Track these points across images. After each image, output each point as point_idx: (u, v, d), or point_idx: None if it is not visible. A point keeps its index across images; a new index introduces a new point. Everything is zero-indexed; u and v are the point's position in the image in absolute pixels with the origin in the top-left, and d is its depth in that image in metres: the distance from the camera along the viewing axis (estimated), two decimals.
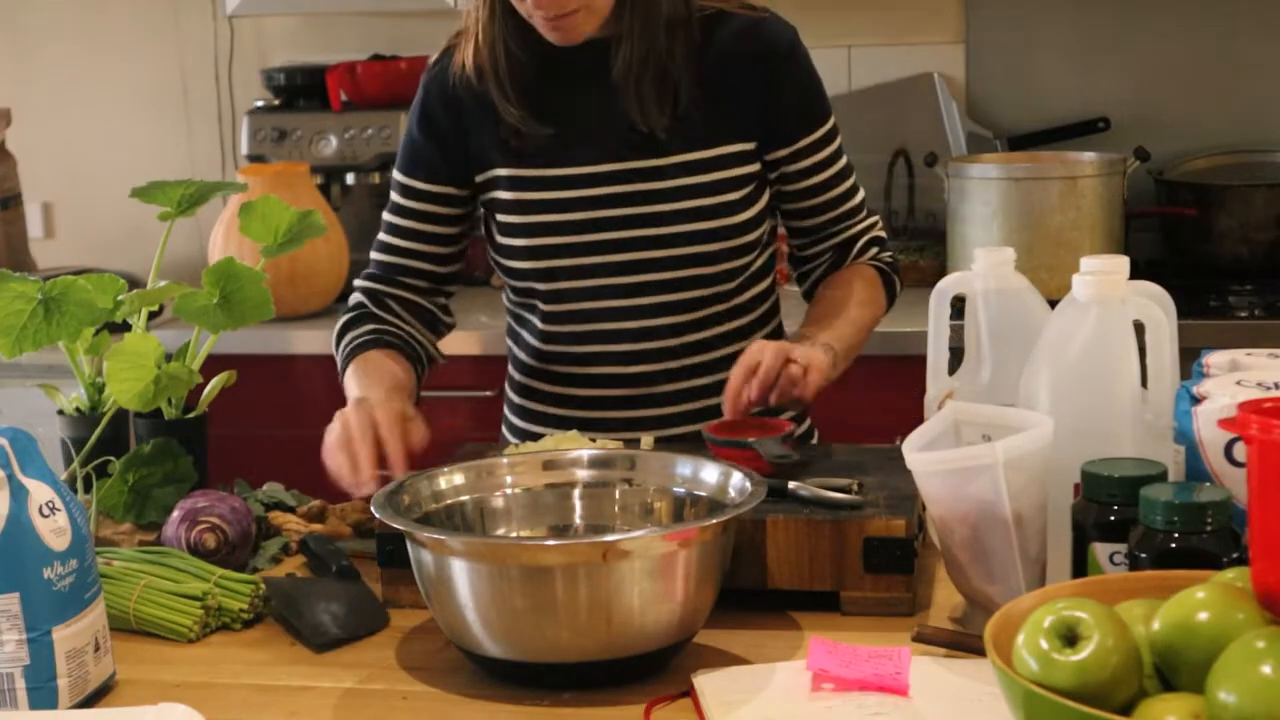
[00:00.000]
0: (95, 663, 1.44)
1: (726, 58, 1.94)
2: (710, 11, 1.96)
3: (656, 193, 1.94)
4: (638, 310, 1.98)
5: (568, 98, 1.96)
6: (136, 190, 1.94)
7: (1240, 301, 3.09)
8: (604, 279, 1.97)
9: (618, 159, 1.94)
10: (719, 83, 1.94)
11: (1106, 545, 1.36)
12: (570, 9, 1.84)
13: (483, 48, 1.94)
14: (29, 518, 1.38)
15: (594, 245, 1.96)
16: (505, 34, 1.92)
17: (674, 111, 1.92)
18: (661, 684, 1.43)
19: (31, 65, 3.97)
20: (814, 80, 2.01)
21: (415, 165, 2.03)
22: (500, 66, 1.93)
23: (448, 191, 2.01)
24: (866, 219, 2.08)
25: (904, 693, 1.35)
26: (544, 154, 1.96)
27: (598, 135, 1.95)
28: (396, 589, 1.64)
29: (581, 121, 1.96)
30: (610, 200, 1.95)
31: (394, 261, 2.06)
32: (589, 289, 1.98)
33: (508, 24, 1.92)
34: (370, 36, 3.75)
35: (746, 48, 1.95)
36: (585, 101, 1.95)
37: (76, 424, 1.88)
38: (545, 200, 1.96)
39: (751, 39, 1.95)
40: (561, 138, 1.95)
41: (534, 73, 1.95)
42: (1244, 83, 3.44)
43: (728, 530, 1.46)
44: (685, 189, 1.94)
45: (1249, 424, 1.10)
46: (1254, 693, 1.02)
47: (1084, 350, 1.49)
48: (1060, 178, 3.07)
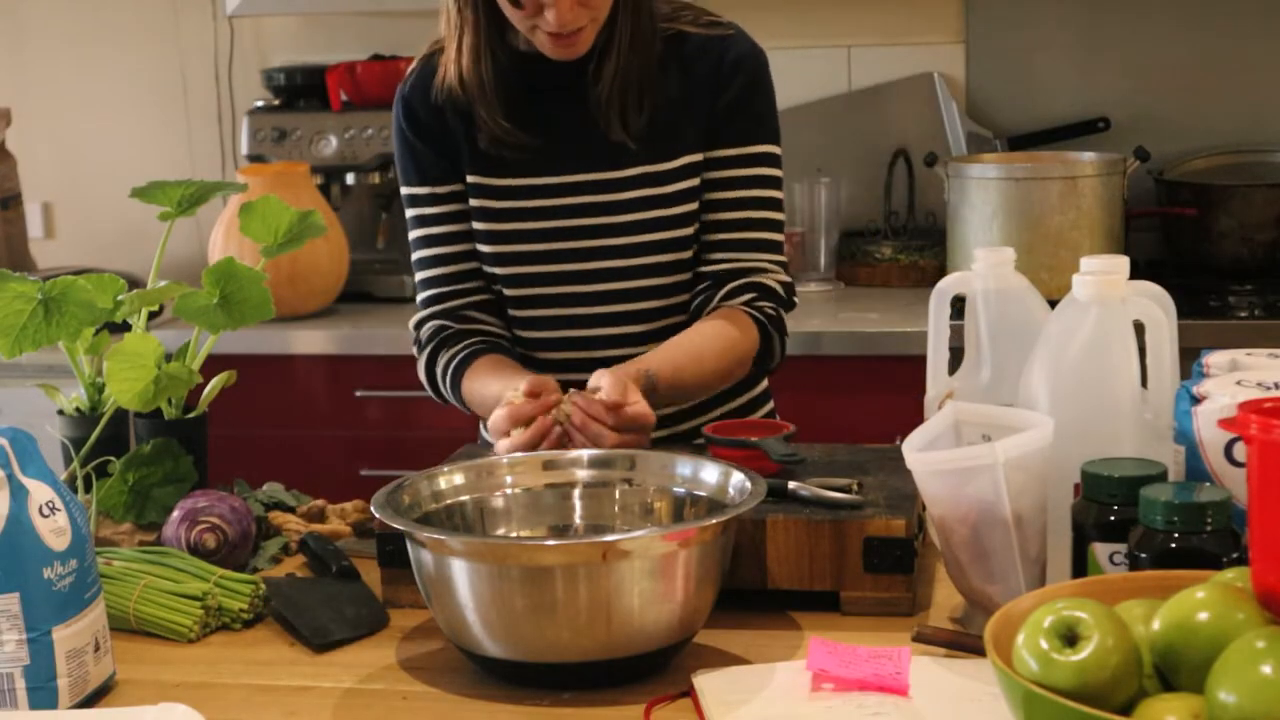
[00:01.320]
0: (95, 663, 1.44)
1: (687, 71, 1.95)
2: (671, 32, 1.96)
3: (619, 203, 1.96)
4: (601, 318, 1.99)
5: (543, 109, 1.97)
6: (136, 190, 1.94)
7: (1240, 301, 3.10)
8: (566, 287, 1.99)
9: (582, 169, 1.96)
10: (679, 98, 1.95)
11: (1106, 545, 1.36)
12: (579, 26, 1.85)
13: (467, 59, 1.94)
14: (29, 518, 1.38)
15: (556, 254, 1.98)
16: (492, 45, 1.93)
17: (649, 121, 1.93)
18: (661, 684, 1.43)
19: (31, 65, 3.97)
20: (761, 99, 1.99)
21: (423, 172, 2.02)
22: (487, 78, 1.94)
23: (460, 189, 2.01)
24: (764, 262, 1.98)
25: (904, 693, 1.35)
26: (513, 165, 1.97)
27: (565, 146, 1.96)
28: (396, 589, 1.64)
29: (554, 133, 1.97)
30: (573, 210, 1.97)
31: (447, 273, 2.03)
32: (552, 296, 2.00)
33: (491, 32, 1.93)
34: (370, 36, 3.76)
35: (706, 61, 1.96)
36: (557, 114, 1.96)
37: (76, 424, 1.88)
38: (509, 209, 1.98)
39: (712, 53, 1.96)
40: (535, 149, 1.96)
41: (515, 84, 1.95)
42: (1244, 83, 3.44)
43: (728, 530, 1.46)
44: (646, 199, 1.96)
45: (1249, 424, 1.10)
46: (1254, 693, 1.02)
47: (1084, 350, 1.49)
48: (1060, 178, 3.07)
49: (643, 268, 1.97)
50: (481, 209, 1.99)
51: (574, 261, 1.98)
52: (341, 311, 3.42)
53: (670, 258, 1.98)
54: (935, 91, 3.49)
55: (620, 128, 1.93)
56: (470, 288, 2.04)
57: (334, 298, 3.42)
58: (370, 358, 3.26)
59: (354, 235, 3.56)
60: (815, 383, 2.93)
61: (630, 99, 1.93)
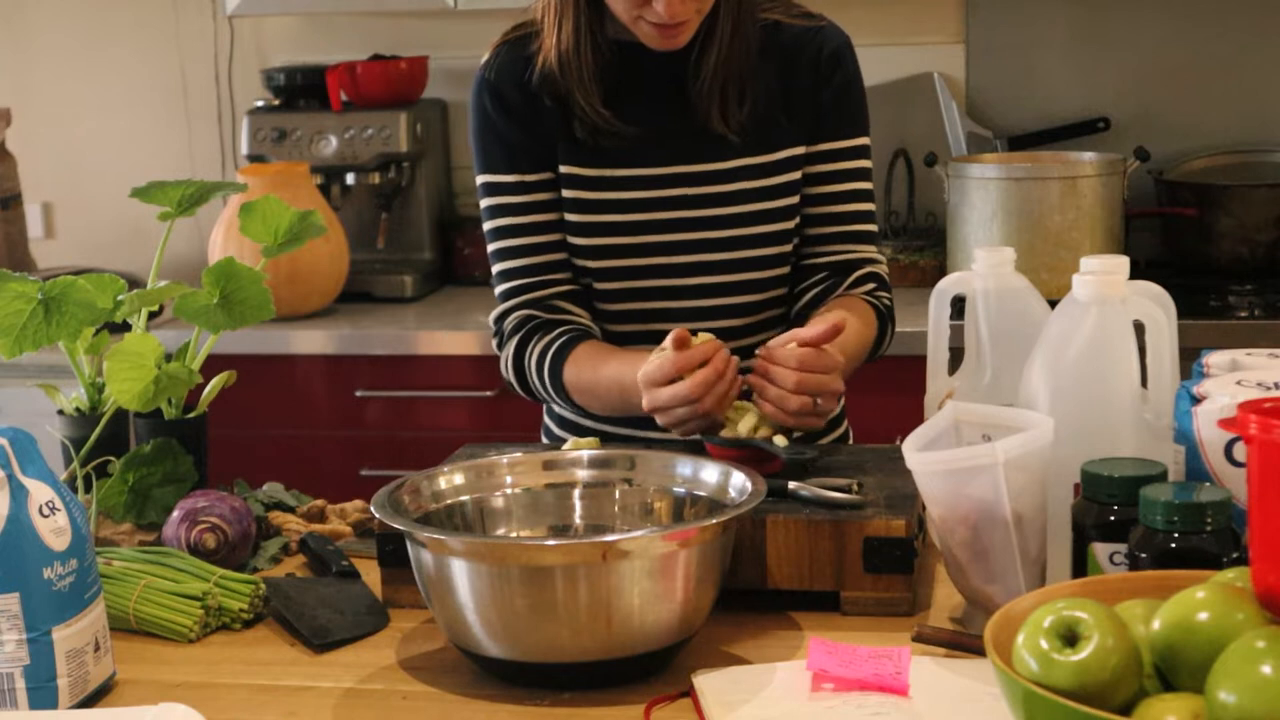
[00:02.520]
0: (95, 663, 1.44)
1: (785, 63, 1.95)
2: (766, 22, 1.96)
3: (719, 196, 1.95)
4: (695, 312, 1.97)
5: (643, 100, 1.95)
6: (136, 190, 1.94)
7: (1240, 301, 3.10)
8: (661, 280, 1.97)
9: (679, 161, 1.95)
10: (778, 90, 1.95)
11: (1106, 545, 1.36)
12: (686, 18, 1.85)
13: (568, 43, 1.90)
14: (29, 518, 1.38)
15: (653, 246, 1.96)
16: (593, 30, 1.91)
17: (750, 113, 1.93)
18: (661, 684, 1.43)
19: (32, 65, 3.97)
20: (856, 90, 2.00)
21: (514, 159, 1.97)
22: (587, 64, 1.91)
23: (549, 178, 1.97)
24: (873, 254, 2.01)
25: (904, 693, 1.35)
26: (610, 155, 1.95)
27: (668, 138, 1.95)
28: (396, 589, 1.64)
29: (654, 123, 1.95)
30: (672, 203, 1.95)
31: (533, 263, 1.98)
32: (647, 290, 1.98)
33: (593, 19, 1.91)
34: (370, 36, 3.76)
35: (804, 53, 1.96)
36: (657, 105, 1.95)
37: (76, 424, 1.88)
38: (606, 200, 1.96)
39: (809, 44, 1.96)
40: (634, 139, 1.95)
41: (615, 72, 1.94)
42: (1244, 83, 3.44)
43: (728, 530, 1.46)
44: (748, 192, 1.95)
45: (1249, 424, 1.10)
46: (1254, 693, 1.02)
47: (1084, 350, 1.49)
48: (1060, 178, 3.07)
49: (741, 261, 1.96)
50: (576, 200, 1.96)
51: (670, 255, 1.96)
52: (341, 311, 3.42)
53: (769, 251, 1.97)
54: (935, 91, 3.49)
55: (720, 120, 1.92)
56: (558, 278, 1.98)
57: (334, 298, 3.42)
58: (370, 358, 3.27)
59: (354, 235, 3.56)
60: None
61: (731, 91, 1.92)
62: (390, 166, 3.58)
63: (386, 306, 3.47)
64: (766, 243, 1.97)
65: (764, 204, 1.96)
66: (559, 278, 1.99)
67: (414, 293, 3.53)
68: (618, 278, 1.98)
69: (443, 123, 3.73)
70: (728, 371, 1.74)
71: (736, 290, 1.98)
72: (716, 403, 1.73)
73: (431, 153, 3.67)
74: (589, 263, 1.98)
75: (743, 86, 1.92)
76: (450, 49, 3.68)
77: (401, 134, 3.53)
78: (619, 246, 1.97)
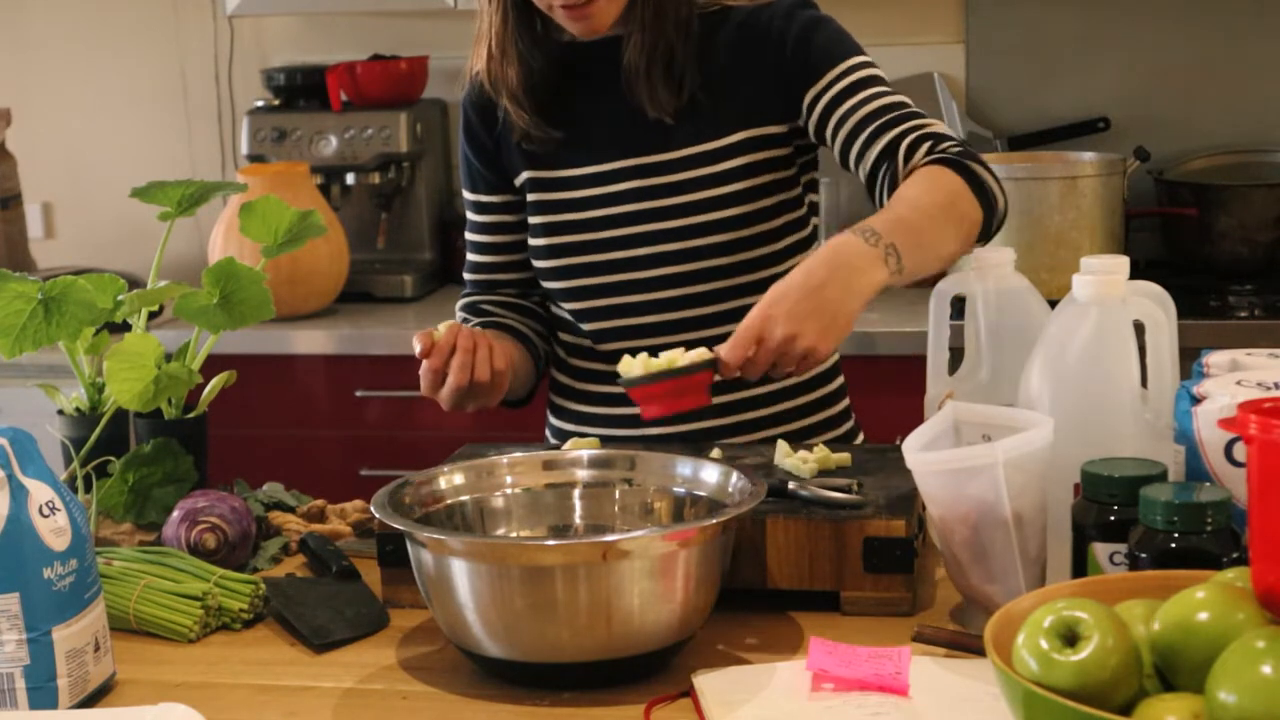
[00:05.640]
0: (95, 663, 1.44)
1: (734, 45, 1.94)
2: (714, 9, 1.96)
3: (668, 186, 1.95)
4: (661, 304, 1.97)
5: (578, 98, 1.97)
6: (136, 190, 1.94)
7: (1240, 301, 3.10)
8: (623, 274, 1.98)
9: (626, 155, 1.96)
10: (728, 73, 1.94)
11: (1106, 545, 1.36)
12: None
13: (495, 53, 1.95)
14: (29, 518, 1.38)
15: (608, 242, 1.97)
16: (517, 37, 1.94)
17: (680, 95, 1.92)
18: (661, 684, 1.43)
19: (31, 65, 3.97)
20: (824, 30, 1.93)
21: (473, 181, 2.09)
22: (514, 73, 1.95)
23: (505, 199, 2.05)
24: (916, 124, 1.87)
25: (904, 693, 1.35)
26: (556, 156, 1.98)
27: (607, 134, 1.96)
28: (396, 589, 1.64)
29: (591, 121, 1.97)
30: (620, 197, 1.96)
31: (484, 278, 2.11)
32: (610, 285, 1.98)
33: (519, 27, 1.94)
34: (370, 36, 3.76)
35: (756, 29, 1.94)
36: (595, 101, 1.97)
37: (76, 424, 1.88)
38: (560, 201, 1.99)
39: (759, 21, 1.95)
40: (572, 139, 1.97)
41: (544, 75, 1.96)
42: (1244, 83, 3.44)
43: (728, 530, 1.46)
44: (699, 180, 1.94)
45: (1249, 424, 1.10)
46: (1254, 693, 1.02)
47: (1084, 350, 1.49)
48: (1060, 178, 3.07)
49: (700, 249, 1.95)
50: (537, 203, 2.01)
51: (629, 248, 1.97)
52: (341, 311, 3.42)
53: (727, 237, 1.95)
54: (935, 91, 3.49)
55: (651, 104, 1.92)
56: (500, 294, 2.09)
57: (334, 298, 3.42)
58: (370, 358, 3.27)
59: (354, 235, 3.56)
60: None
61: (657, 73, 1.91)
62: (390, 166, 3.58)
63: (386, 306, 3.47)
64: (724, 229, 1.95)
65: (717, 190, 1.94)
66: (502, 293, 2.10)
67: (414, 293, 3.53)
68: (581, 274, 1.99)
69: (443, 123, 3.73)
70: (467, 345, 1.82)
71: (699, 279, 1.96)
72: (459, 370, 1.80)
73: (431, 153, 3.67)
74: (553, 262, 2.00)
75: (672, 70, 1.92)
76: (450, 49, 3.68)
77: (401, 134, 3.53)
78: (579, 244, 1.99)
